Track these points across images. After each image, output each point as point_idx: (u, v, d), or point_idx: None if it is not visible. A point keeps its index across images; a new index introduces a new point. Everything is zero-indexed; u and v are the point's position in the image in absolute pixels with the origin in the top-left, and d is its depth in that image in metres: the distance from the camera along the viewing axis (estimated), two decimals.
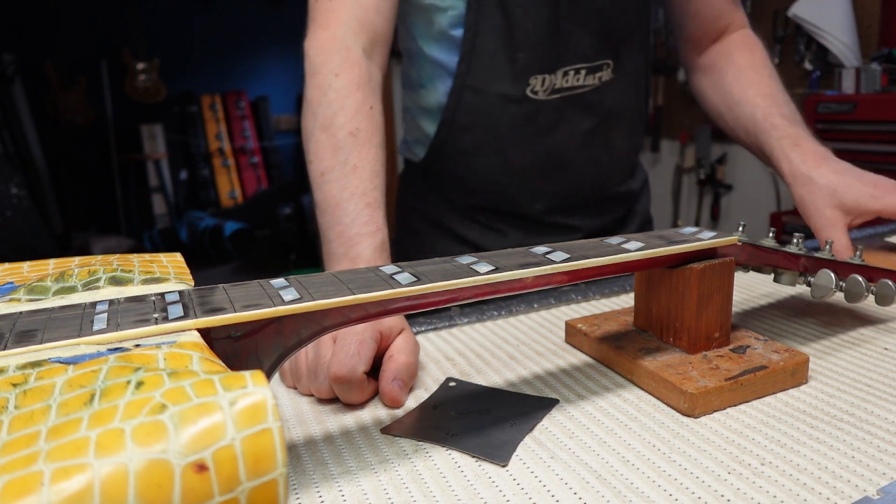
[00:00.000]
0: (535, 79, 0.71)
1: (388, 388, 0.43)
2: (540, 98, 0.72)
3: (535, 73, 0.70)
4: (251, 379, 0.21)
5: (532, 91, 0.71)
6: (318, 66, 0.60)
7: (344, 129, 0.57)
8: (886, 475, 0.33)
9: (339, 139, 0.57)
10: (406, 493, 0.34)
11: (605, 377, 0.46)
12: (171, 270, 0.37)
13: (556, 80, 0.71)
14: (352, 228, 0.53)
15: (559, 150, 0.75)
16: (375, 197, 0.56)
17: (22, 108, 3.28)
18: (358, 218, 0.54)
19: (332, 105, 0.58)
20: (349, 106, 0.58)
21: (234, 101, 4.17)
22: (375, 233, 0.54)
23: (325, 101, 0.59)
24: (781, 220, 2.54)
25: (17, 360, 0.25)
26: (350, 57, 0.60)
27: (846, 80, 2.40)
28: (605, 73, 0.73)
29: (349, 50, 0.61)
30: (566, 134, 0.74)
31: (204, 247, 3.61)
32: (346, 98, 0.59)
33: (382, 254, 0.54)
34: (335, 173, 0.56)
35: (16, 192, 2.60)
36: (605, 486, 0.33)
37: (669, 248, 0.43)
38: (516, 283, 0.38)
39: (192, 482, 0.19)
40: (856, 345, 0.50)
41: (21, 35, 3.36)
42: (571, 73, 0.71)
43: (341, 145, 0.57)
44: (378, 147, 0.59)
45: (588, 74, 0.72)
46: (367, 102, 0.59)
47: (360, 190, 0.55)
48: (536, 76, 0.71)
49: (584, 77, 0.72)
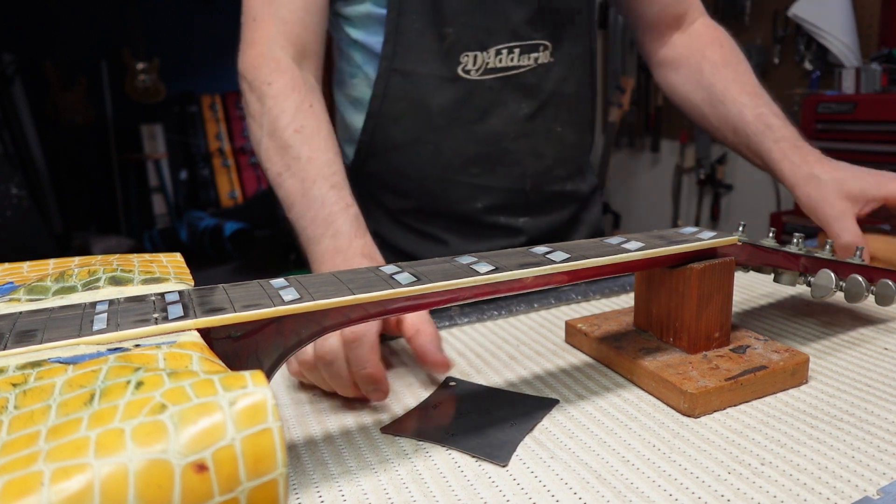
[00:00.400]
0: (466, 56, 0.67)
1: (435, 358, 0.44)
2: (473, 78, 0.68)
3: (465, 51, 0.67)
4: (251, 379, 0.21)
5: (464, 70, 0.67)
6: (251, 81, 0.62)
7: (288, 129, 0.58)
8: (886, 475, 0.33)
9: (286, 139, 0.58)
10: (406, 493, 0.34)
11: (605, 377, 0.46)
12: (171, 270, 0.37)
13: (489, 58, 0.67)
14: (323, 210, 0.53)
15: (497, 137, 0.71)
16: (337, 180, 0.56)
17: (22, 108, 3.28)
18: (326, 199, 0.54)
19: (272, 110, 0.59)
20: (288, 108, 0.59)
21: (234, 101, 4.17)
22: (347, 208, 0.54)
23: (264, 109, 0.60)
24: (781, 220, 2.54)
25: (17, 360, 0.25)
26: (280, 65, 0.61)
27: (846, 80, 2.40)
28: (541, 54, 0.69)
29: (277, 60, 0.62)
30: (504, 119, 0.70)
31: (204, 247, 3.61)
32: (283, 101, 0.59)
33: (360, 226, 0.53)
34: (291, 169, 0.56)
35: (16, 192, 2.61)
36: (605, 486, 0.33)
37: (669, 248, 0.43)
38: (516, 283, 0.38)
39: (192, 482, 0.19)
40: (856, 345, 0.50)
41: (21, 35, 3.36)
42: (505, 52, 0.68)
43: (290, 143, 0.57)
44: (327, 138, 0.59)
45: (523, 54, 0.68)
46: (305, 101, 0.60)
47: (320, 176, 0.55)
48: (468, 53, 0.67)
49: (519, 56, 0.68)
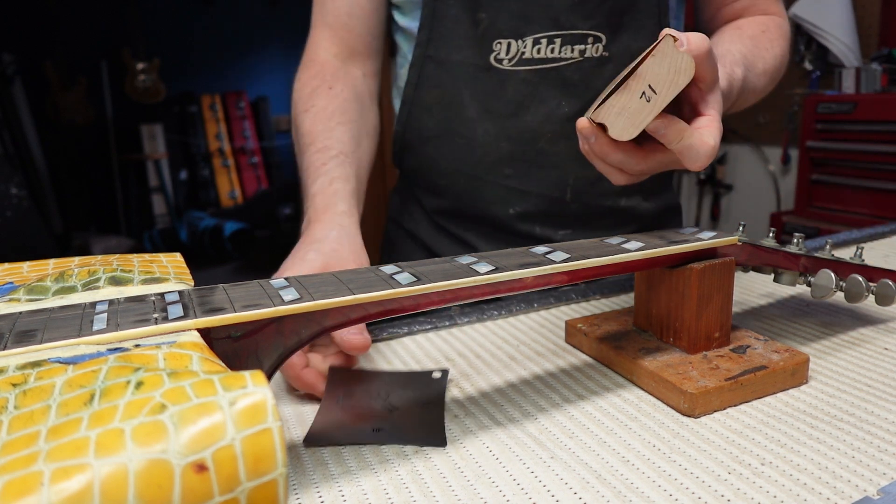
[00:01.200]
0: (498, 44, 0.62)
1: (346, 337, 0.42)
2: (505, 68, 0.63)
3: (498, 38, 0.62)
4: (251, 379, 0.21)
5: (496, 58, 0.63)
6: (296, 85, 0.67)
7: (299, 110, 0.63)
8: (886, 475, 0.33)
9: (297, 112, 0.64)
10: (406, 493, 0.34)
11: (605, 377, 0.46)
12: (170, 270, 0.37)
13: (526, 48, 0.62)
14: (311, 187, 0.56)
15: (533, 135, 0.65)
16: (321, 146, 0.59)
17: (22, 108, 3.28)
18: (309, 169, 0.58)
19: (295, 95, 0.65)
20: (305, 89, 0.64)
21: (234, 101, 4.17)
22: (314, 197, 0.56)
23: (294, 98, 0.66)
24: (781, 220, 2.54)
25: (17, 360, 0.25)
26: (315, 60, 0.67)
27: (846, 80, 2.40)
28: (590, 47, 0.62)
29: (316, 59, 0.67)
30: (540, 116, 0.64)
31: (204, 247, 3.61)
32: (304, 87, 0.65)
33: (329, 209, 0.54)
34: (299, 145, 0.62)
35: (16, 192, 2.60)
36: (605, 486, 0.33)
37: (669, 248, 0.43)
38: (516, 283, 0.38)
39: (192, 482, 0.19)
40: (856, 345, 0.50)
41: (21, 35, 3.36)
42: (544, 42, 0.61)
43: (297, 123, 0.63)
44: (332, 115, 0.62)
45: (565, 45, 0.62)
46: (324, 84, 0.64)
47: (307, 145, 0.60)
48: (501, 41, 0.62)
49: (560, 48, 0.62)
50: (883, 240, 0.82)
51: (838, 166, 2.42)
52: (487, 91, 0.64)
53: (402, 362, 0.50)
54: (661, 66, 0.38)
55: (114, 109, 3.73)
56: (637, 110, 0.39)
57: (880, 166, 2.26)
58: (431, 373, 0.46)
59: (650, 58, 0.39)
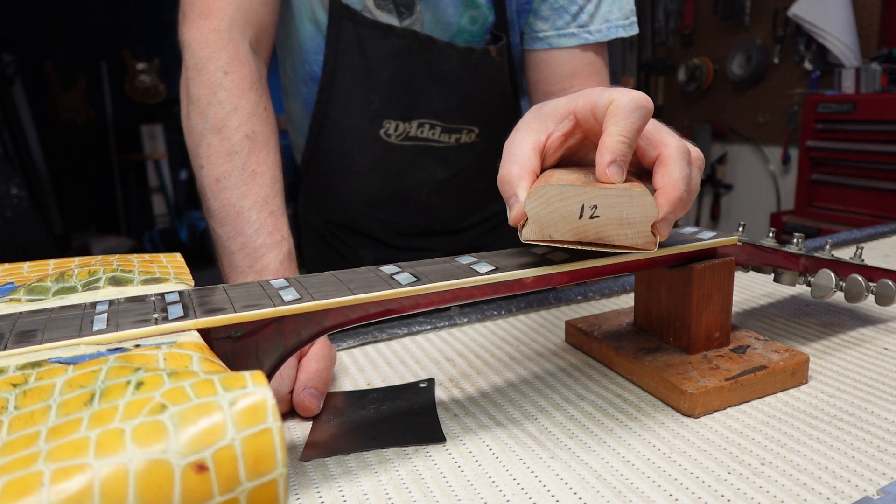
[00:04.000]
0: (388, 122, 0.69)
1: (298, 399, 0.42)
2: (392, 142, 0.70)
3: (388, 118, 0.69)
4: (251, 379, 0.21)
5: (385, 133, 0.70)
6: (204, 61, 0.56)
7: (239, 131, 0.54)
8: (886, 475, 0.33)
9: (234, 143, 0.54)
10: (406, 493, 0.34)
11: (605, 377, 0.46)
12: (171, 271, 0.37)
13: (411, 128, 0.70)
14: (256, 239, 0.51)
15: (412, 192, 0.74)
16: (278, 204, 0.53)
17: (22, 108, 3.28)
18: (262, 228, 0.51)
19: (224, 105, 0.55)
20: (243, 107, 0.55)
21: None
22: (281, 242, 0.51)
23: (215, 100, 0.55)
24: (781, 220, 2.54)
25: (17, 360, 0.25)
26: (239, 53, 0.57)
27: (846, 80, 2.40)
28: (465, 136, 0.72)
29: (236, 45, 0.57)
30: (419, 179, 0.74)
31: (204, 247, 3.61)
32: (238, 98, 0.55)
33: (290, 264, 0.51)
34: (233, 179, 0.53)
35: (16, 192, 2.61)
36: (605, 486, 0.33)
37: (669, 248, 0.43)
38: (516, 283, 0.38)
39: (192, 482, 0.19)
40: (856, 345, 0.50)
41: (21, 35, 3.36)
42: (427, 126, 0.70)
43: (237, 149, 0.53)
44: (275, 151, 0.56)
45: (444, 133, 0.71)
46: (260, 103, 0.57)
47: (261, 197, 0.52)
48: (390, 121, 0.69)
49: (440, 134, 0.71)
50: (883, 240, 0.82)
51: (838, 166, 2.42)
52: (375, 154, 0.72)
53: (402, 362, 0.50)
54: (620, 209, 0.35)
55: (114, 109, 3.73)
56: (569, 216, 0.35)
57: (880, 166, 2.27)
58: (418, 383, 0.46)
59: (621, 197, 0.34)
